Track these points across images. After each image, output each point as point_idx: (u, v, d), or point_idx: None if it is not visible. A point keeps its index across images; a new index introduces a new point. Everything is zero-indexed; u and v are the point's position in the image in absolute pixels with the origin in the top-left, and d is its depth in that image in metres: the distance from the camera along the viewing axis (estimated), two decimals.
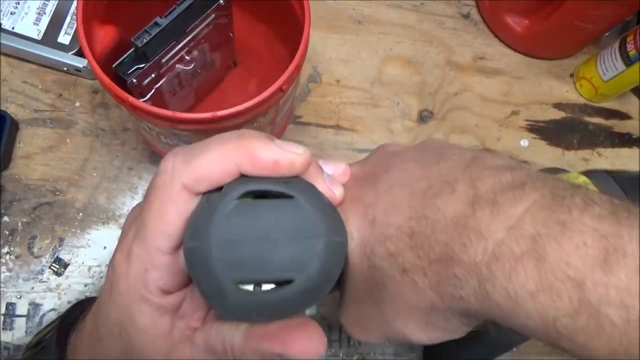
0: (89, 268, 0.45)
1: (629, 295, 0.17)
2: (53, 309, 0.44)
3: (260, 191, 0.21)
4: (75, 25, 0.40)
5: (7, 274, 0.44)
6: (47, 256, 0.45)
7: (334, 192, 0.24)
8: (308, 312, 0.46)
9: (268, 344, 0.21)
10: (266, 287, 0.20)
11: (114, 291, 0.22)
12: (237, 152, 0.20)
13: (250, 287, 0.20)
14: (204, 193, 0.21)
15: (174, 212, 0.21)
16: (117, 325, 0.22)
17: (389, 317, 0.23)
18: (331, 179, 0.25)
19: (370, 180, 0.25)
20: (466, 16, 0.60)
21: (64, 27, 0.49)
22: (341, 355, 0.46)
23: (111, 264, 0.23)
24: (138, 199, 0.48)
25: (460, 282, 0.20)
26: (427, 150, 0.25)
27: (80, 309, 0.30)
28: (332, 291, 0.26)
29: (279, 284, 0.20)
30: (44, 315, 0.43)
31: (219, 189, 0.21)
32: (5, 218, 0.45)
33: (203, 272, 0.20)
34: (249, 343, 0.21)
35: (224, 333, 0.22)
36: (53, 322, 0.32)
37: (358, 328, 0.26)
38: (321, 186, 0.23)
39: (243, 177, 0.21)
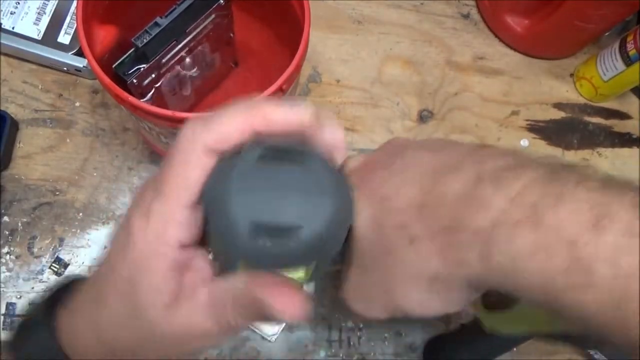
0: (89, 268, 0.45)
1: (616, 253, 0.19)
2: None
3: (278, 152, 0.23)
4: (75, 25, 0.40)
5: (7, 274, 0.44)
6: (47, 256, 0.45)
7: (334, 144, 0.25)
8: (307, 287, 0.46)
9: (262, 291, 0.22)
10: (275, 238, 0.22)
11: (128, 249, 0.23)
12: (252, 112, 0.22)
13: (260, 238, 0.22)
14: (221, 154, 0.23)
15: (195, 169, 0.22)
16: (126, 283, 0.23)
17: (393, 285, 0.25)
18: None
19: (383, 164, 0.27)
20: (466, 16, 0.60)
21: (64, 27, 0.49)
22: (341, 355, 0.46)
23: (126, 225, 0.23)
24: None
25: (464, 247, 0.22)
26: (436, 142, 0.27)
27: (64, 291, 0.29)
28: (336, 263, 0.28)
29: (289, 232, 0.22)
30: None
31: (236, 152, 0.23)
32: (5, 218, 0.45)
33: (221, 217, 0.22)
34: (250, 286, 0.23)
35: (228, 284, 0.23)
36: (26, 314, 0.30)
37: (361, 299, 0.28)
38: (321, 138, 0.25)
39: (262, 138, 0.23)
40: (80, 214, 0.46)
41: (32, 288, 0.44)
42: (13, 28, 0.48)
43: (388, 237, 0.24)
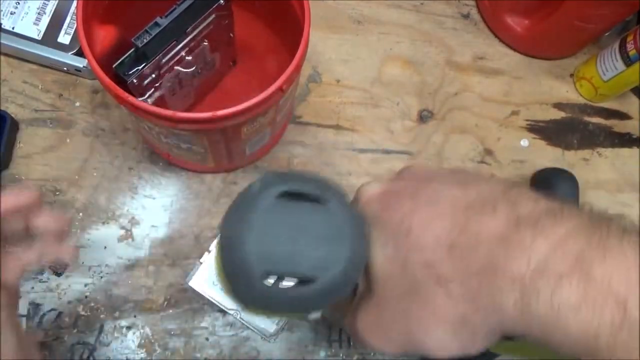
0: (89, 268, 0.45)
1: None
2: (53, 309, 0.44)
3: (297, 192, 0.22)
4: (75, 25, 0.40)
5: None
6: None
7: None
8: (314, 315, 0.46)
9: None
10: (288, 282, 0.21)
11: None
12: None
13: (273, 281, 0.21)
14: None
15: None
16: None
17: (414, 323, 0.24)
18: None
19: (406, 194, 0.25)
20: (466, 16, 0.60)
21: (64, 27, 0.49)
22: (341, 355, 0.46)
23: None
24: (138, 198, 0.48)
25: (501, 293, 0.21)
26: (461, 174, 0.26)
27: None
28: (349, 294, 0.27)
29: (303, 281, 0.21)
30: (44, 315, 0.43)
31: (257, 187, 0.22)
32: None
33: (235, 259, 0.21)
34: None
35: None
36: None
37: (376, 333, 0.26)
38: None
39: (282, 175, 0.22)
40: (80, 214, 0.46)
41: (32, 288, 0.44)
42: (13, 28, 0.48)
43: (413, 275, 0.23)
